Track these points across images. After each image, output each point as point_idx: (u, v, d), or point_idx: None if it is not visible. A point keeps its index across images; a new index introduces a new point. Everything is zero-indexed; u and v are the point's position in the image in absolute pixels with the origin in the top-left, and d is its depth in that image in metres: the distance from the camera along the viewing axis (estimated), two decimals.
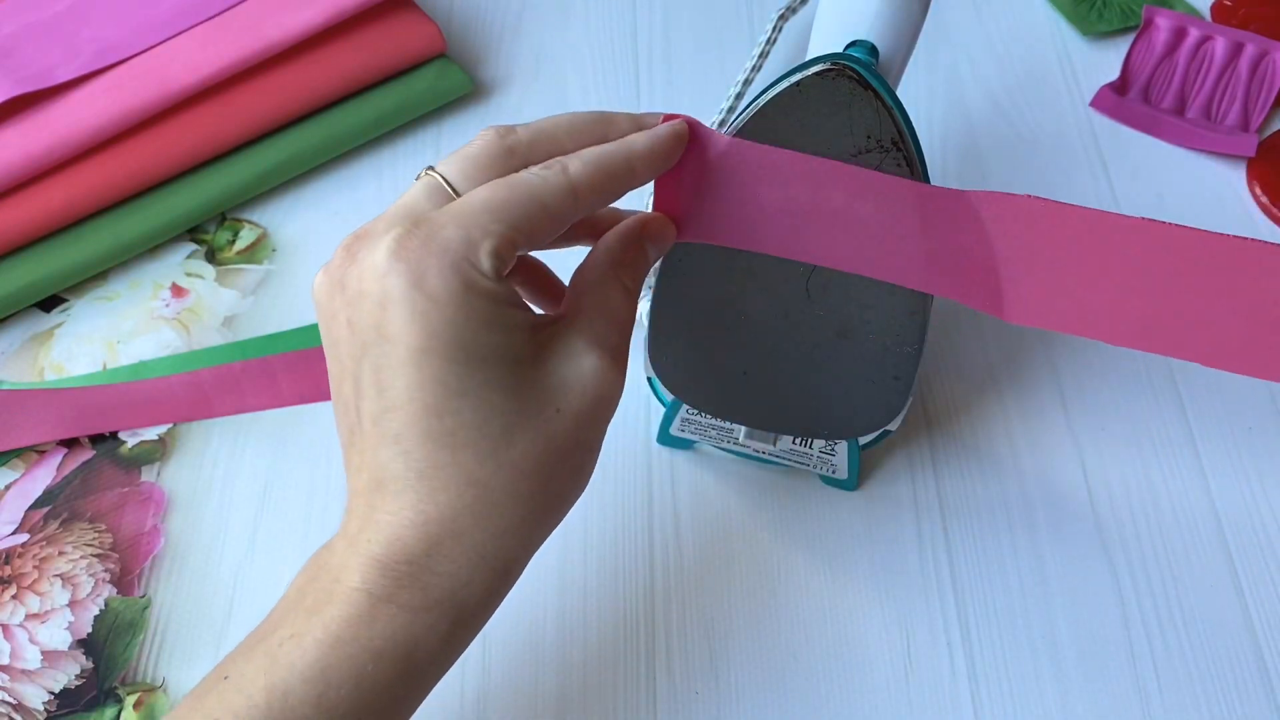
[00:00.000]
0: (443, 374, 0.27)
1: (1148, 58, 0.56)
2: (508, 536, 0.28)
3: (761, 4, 0.60)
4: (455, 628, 0.28)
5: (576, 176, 0.29)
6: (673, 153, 0.31)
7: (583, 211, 0.29)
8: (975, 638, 0.41)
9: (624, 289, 0.31)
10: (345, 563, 0.27)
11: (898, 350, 0.37)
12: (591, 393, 0.29)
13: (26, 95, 0.48)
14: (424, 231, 0.27)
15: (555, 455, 0.28)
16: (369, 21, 0.52)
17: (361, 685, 0.26)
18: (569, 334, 0.29)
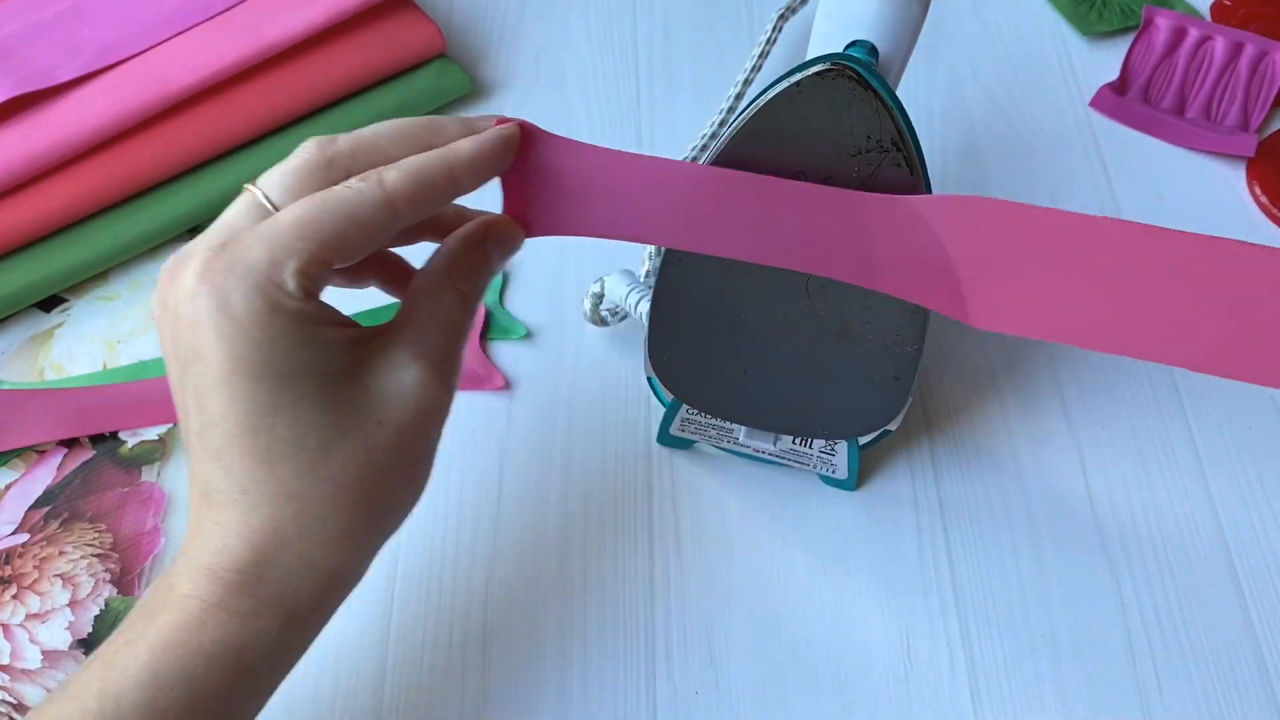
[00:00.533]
0: (253, 393, 0.27)
1: (1147, 58, 0.56)
2: (334, 545, 0.29)
3: (761, 4, 0.60)
4: (286, 632, 0.29)
5: (393, 189, 0.28)
6: (500, 157, 0.31)
7: (403, 223, 0.29)
8: (975, 638, 0.41)
9: (459, 295, 0.31)
10: (178, 571, 0.28)
11: (898, 350, 0.37)
12: (413, 405, 0.29)
13: (27, 95, 0.48)
14: (230, 253, 0.27)
15: (378, 467, 0.29)
16: (369, 21, 0.52)
17: (193, 688, 0.27)
18: (393, 346, 0.30)
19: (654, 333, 0.39)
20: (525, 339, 0.47)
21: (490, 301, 0.48)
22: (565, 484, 0.44)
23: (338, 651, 0.40)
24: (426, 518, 0.43)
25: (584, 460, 0.44)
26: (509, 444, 0.45)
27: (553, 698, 0.39)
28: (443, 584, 0.41)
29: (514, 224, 0.33)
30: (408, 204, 0.29)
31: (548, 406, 0.46)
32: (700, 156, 0.49)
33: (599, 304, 0.46)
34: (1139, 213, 0.52)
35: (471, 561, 0.42)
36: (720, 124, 0.49)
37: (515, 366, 0.47)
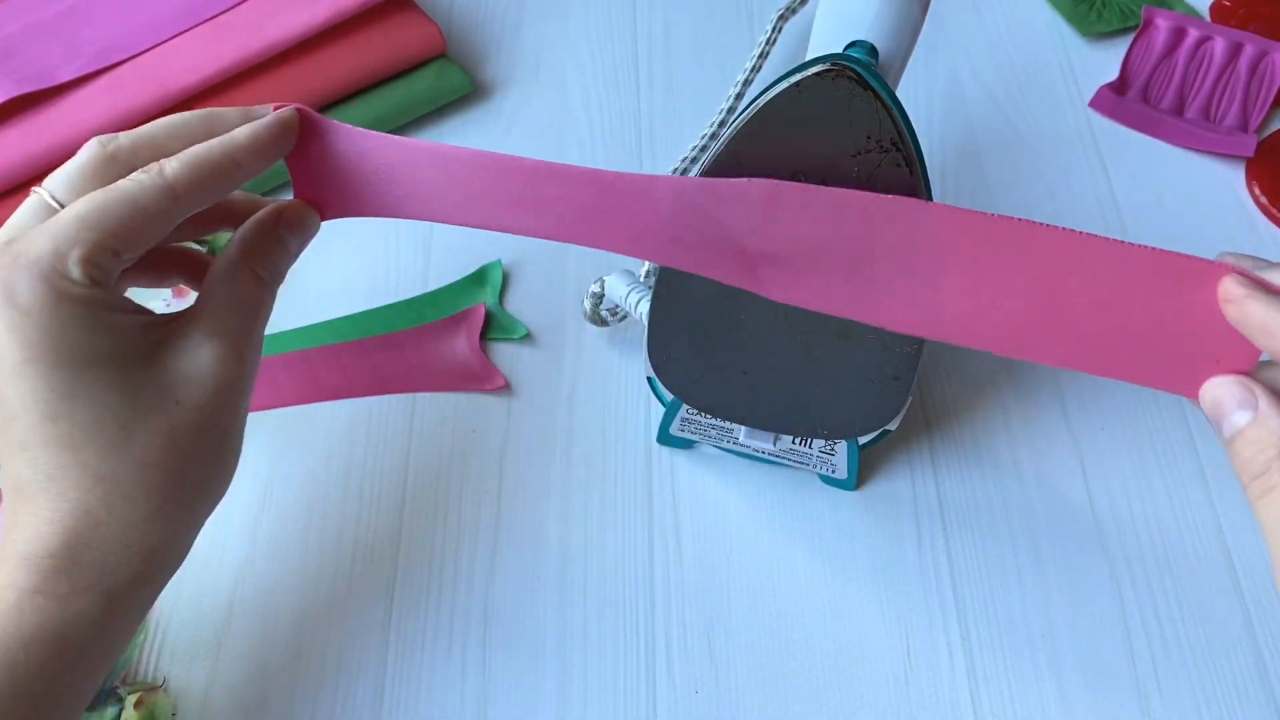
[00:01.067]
0: (49, 380, 0.28)
1: (1147, 58, 0.56)
2: (147, 524, 0.30)
3: (761, 4, 0.60)
4: (108, 612, 0.29)
5: (173, 176, 0.30)
6: (278, 140, 0.32)
7: (187, 208, 0.30)
8: (975, 638, 0.41)
9: (255, 277, 0.32)
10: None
11: (898, 350, 0.37)
12: (211, 382, 0.30)
13: (27, 95, 0.48)
14: (13, 249, 0.28)
15: (182, 444, 0.30)
16: (369, 22, 0.52)
17: (15, 672, 0.28)
18: (189, 328, 0.31)
19: (654, 333, 0.39)
20: (525, 339, 0.48)
21: (490, 302, 0.48)
22: (565, 484, 0.44)
23: (338, 651, 0.40)
24: (427, 517, 0.43)
25: (584, 460, 0.44)
26: (509, 444, 0.45)
27: (553, 697, 0.39)
28: (443, 584, 0.41)
29: (306, 207, 0.34)
30: (189, 189, 0.30)
31: (548, 406, 0.46)
32: (700, 156, 0.49)
33: (599, 304, 0.46)
34: (1138, 213, 0.52)
35: (471, 561, 0.42)
36: (720, 124, 0.49)
37: (515, 366, 0.47)
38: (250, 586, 0.41)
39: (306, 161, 0.34)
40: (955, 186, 0.53)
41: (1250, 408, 0.28)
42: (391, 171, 0.33)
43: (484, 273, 0.49)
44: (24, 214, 0.30)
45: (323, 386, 0.46)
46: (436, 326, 0.48)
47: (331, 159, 0.34)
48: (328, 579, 0.41)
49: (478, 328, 0.47)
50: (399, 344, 0.47)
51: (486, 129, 0.54)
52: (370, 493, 0.43)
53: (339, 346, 0.47)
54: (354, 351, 0.47)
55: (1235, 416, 0.28)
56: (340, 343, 0.47)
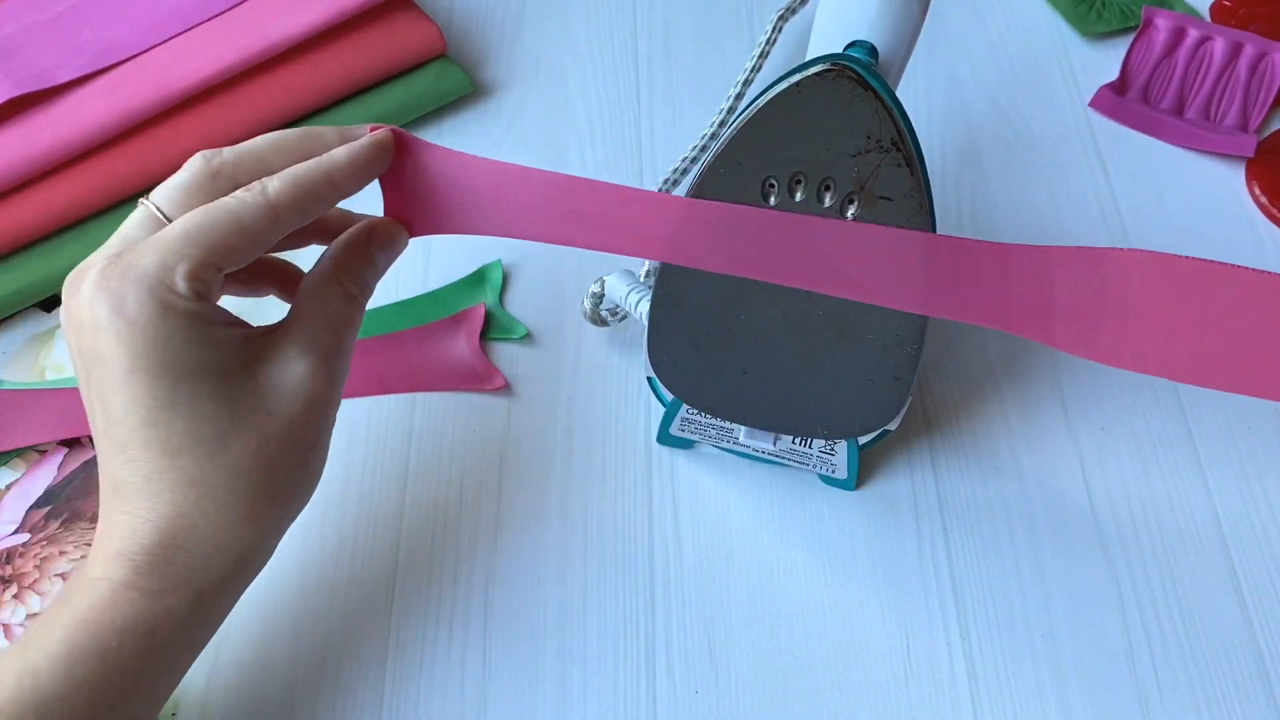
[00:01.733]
0: (152, 389, 0.30)
1: (1147, 58, 0.56)
2: (236, 528, 0.31)
3: (761, 4, 0.60)
4: (195, 609, 0.31)
5: (275, 196, 0.31)
6: (375, 162, 0.33)
7: (286, 228, 0.32)
8: (975, 638, 0.41)
9: (345, 293, 0.34)
10: (92, 560, 0.31)
11: (898, 350, 0.37)
12: (302, 395, 0.32)
13: (27, 95, 0.48)
14: (124, 261, 0.30)
15: (272, 455, 0.31)
16: (369, 22, 0.52)
17: (106, 661, 0.29)
18: (283, 342, 0.32)
19: (654, 333, 0.39)
20: (525, 339, 0.48)
21: (490, 301, 0.48)
22: (565, 484, 0.44)
23: (338, 651, 0.40)
24: (427, 517, 0.43)
25: (584, 460, 0.44)
26: (509, 444, 0.45)
27: (553, 697, 0.39)
28: (443, 584, 0.41)
29: (395, 225, 0.35)
30: (290, 209, 0.31)
31: (548, 406, 0.46)
32: (700, 156, 0.49)
33: (599, 304, 0.46)
34: (1138, 213, 0.52)
35: (471, 561, 0.42)
36: (720, 124, 0.49)
37: (515, 366, 0.47)
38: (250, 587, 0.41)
39: (399, 180, 0.35)
40: (955, 186, 0.53)
41: None
42: (481, 192, 0.34)
43: (484, 273, 0.49)
44: (131, 226, 0.31)
45: None
46: (436, 326, 0.48)
47: (423, 178, 0.34)
48: (328, 579, 0.41)
49: (478, 328, 0.47)
50: (399, 344, 0.47)
51: (486, 129, 0.54)
52: (370, 493, 0.43)
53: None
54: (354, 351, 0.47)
55: None
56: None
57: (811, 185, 0.33)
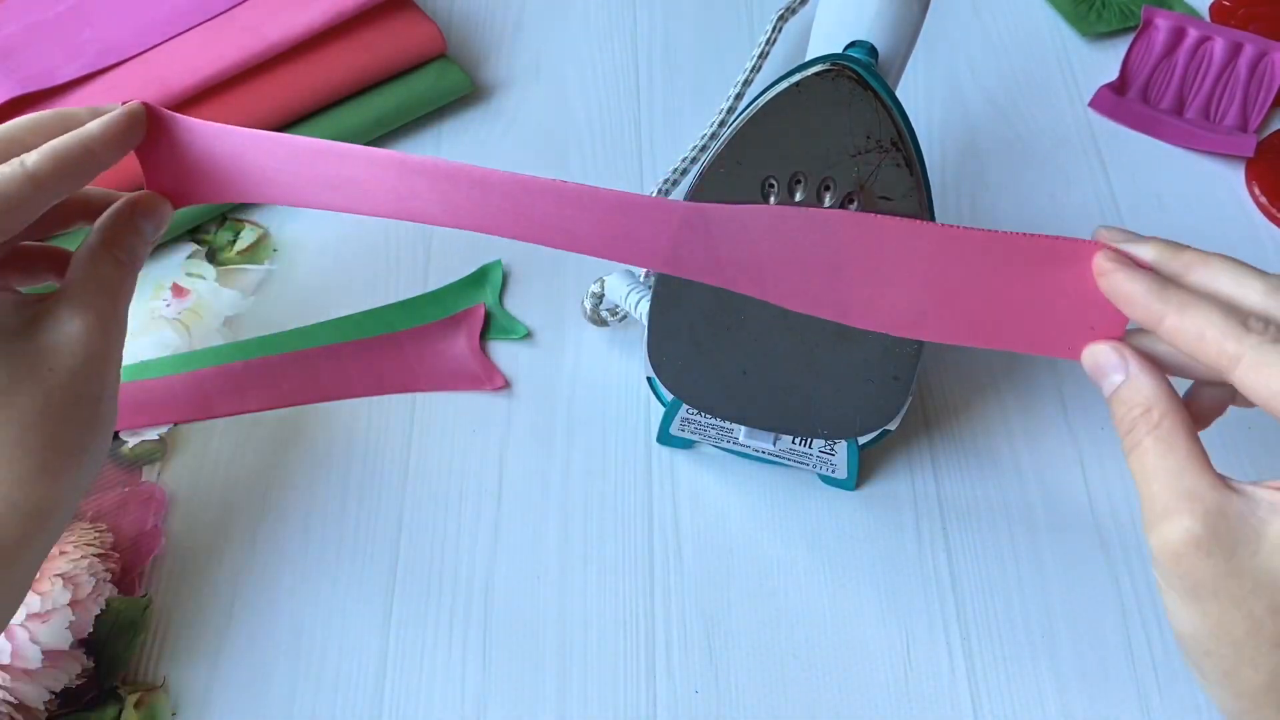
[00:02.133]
0: None
1: (1146, 58, 0.56)
2: (29, 483, 0.32)
3: (761, 4, 0.60)
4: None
5: (34, 167, 0.32)
6: (128, 131, 0.35)
7: (50, 197, 0.33)
8: (975, 638, 0.41)
9: (114, 259, 0.35)
10: None
11: (897, 350, 0.37)
12: (81, 351, 0.33)
13: (28, 95, 0.48)
14: None
15: (58, 407, 0.32)
16: (369, 22, 0.52)
17: None
18: (58, 305, 0.34)
19: (654, 333, 0.39)
20: (525, 339, 0.48)
21: (490, 301, 0.48)
22: (565, 484, 0.44)
23: (338, 651, 0.40)
24: (427, 517, 0.43)
25: (584, 460, 0.44)
26: (509, 444, 0.45)
27: (553, 697, 0.39)
28: (443, 584, 0.41)
29: (157, 196, 0.37)
30: (50, 177, 0.33)
31: (548, 406, 0.46)
32: (700, 156, 0.49)
33: (599, 304, 0.46)
34: (1138, 213, 0.52)
35: (471, 561, 0.42)
36: (720, 124, 0.49)
37: (515, 366, 0.47)
38: (250, 586, 0.41)
39: (156, 153, 0.37)
40: (955, 186, 0.53)
41: (1122, 371, 0.30)
42: (233, 160, 0.36)
43: (484, 273, 0.49)
44: None
45: (323, 386, 0.46)
46: (436, 326, 0.48)
47: (179, 149, 0.36)
48: (328, 579, 0.41)
49: (478, 328, 0.47)
50: (399, 344, 0.47)
51: (486, 129, 0.54)
52: (370, 493, 0.43)
53: (339, 346, 0.47)
54: (354, 351, 0.47)
55: (1111, 378, 0.31)
56: (340, 343, 0.47)
57: (811, 185, 0.33)
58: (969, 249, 0.31)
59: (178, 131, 0.36)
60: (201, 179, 0.37)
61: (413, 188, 0.35)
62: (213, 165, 0.36)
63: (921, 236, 0.32)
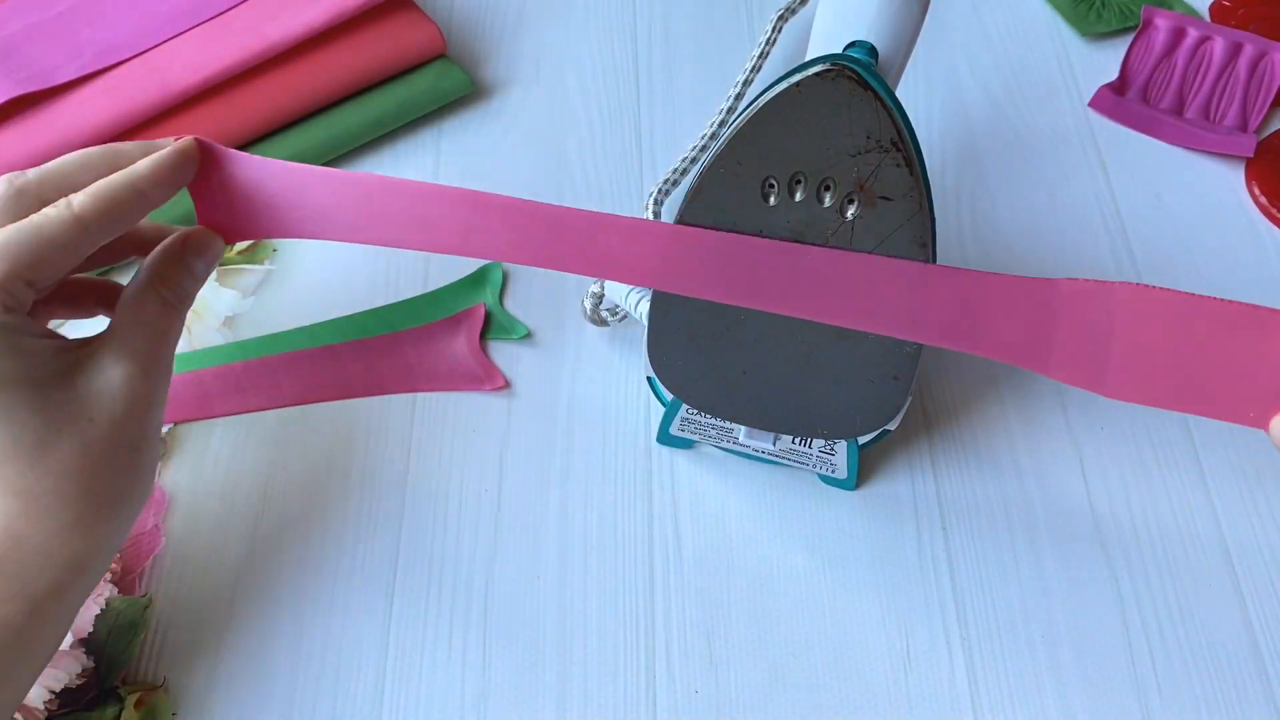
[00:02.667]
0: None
1: (1146, 58, 0.56)
2: (67, 534, 0.31)
3: (761, 4, 0.60)
4: (32, 620, 0.31)
5: (81, 209, 0.31)
6: (179, 169, 0.34)
7: (96, 239, 0.32)
8: (974, 638, 0.41)
9: (161, 301, 0.34)
10: None
11: (897, 350, 0.37)
12: (122, 399, 0.32)
13: (28, 95, 0.48)
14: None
15: (97, 458, 0.31)
16: (369, 22, 0.52)
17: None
18: (100, 351, 0.33)
19: (654, 332, 0.39)
20: (525, 339, 0.48)
21: (490, 302, 0.48)
22: (565, 484, 0.44)
23: (338, 651, 0.40)
24: (427, 517, 0.43)
25: (584, 460, 0.44)
26: (509, 444, 0.45)
27: (553, 697, 0.39)
28: (443, 584, 0.41)
29: (209, 233, 0.36)
30: (96, 221, 0.32)
31: (548, 406, 0.46)
32: (700, 156, 0.49)
33: (599, 304, 0.46)
34: (1138, 213, 0.52)
35: (471, 561, 0.42)
36: (720, 124, 0.49)
37: (515, 366, 0.47)
38: (250, 586, 0.41)
39: (208, 189, 0.36)
40: (955, 186, 0.53)
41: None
42: (290, 196, 0.35)
43: (484, 273, 0.49)
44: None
45: (323, 386, 0.46)
46: (436, 326, 0.48)
47: (232, 185, 0.35)
48: (328, 579, 0.41)
49: (478, 328, 0.47)
50: (399, 344, 0.47)
51: (486, 129, 0.54)
52: (370, 493, 0.43)
53: (339, 346, 0.47)
54: (354, 351, 0.47)
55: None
56: (340, 343, 0.47)
57: (811, 185, 0.33)
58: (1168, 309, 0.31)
59: (232, 167, 0.35)
60: (256, 215, 0.36)
61: (486, 224, 0.34)
62: (269, 201, 0.35)
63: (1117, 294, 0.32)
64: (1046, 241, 0.51)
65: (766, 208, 0.34)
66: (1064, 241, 0.51)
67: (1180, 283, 0.50)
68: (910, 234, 0.34)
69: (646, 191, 0.52)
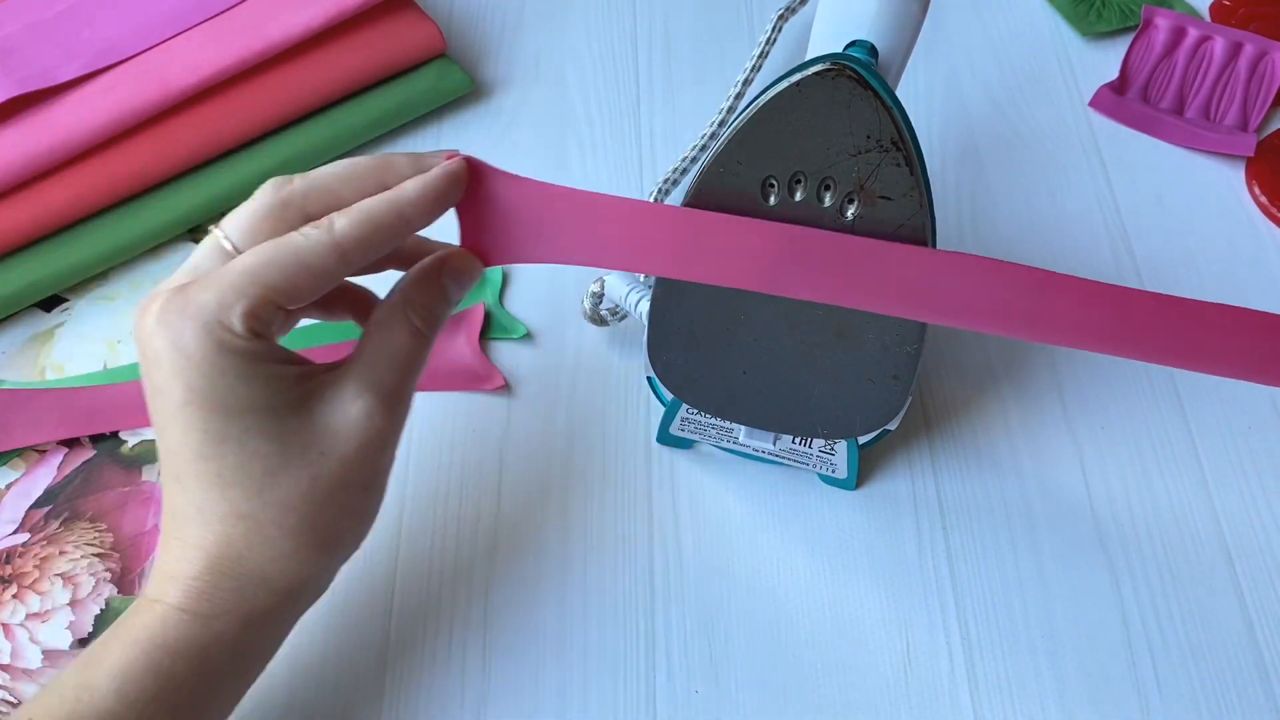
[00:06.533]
0: (204, 423, 0.30)
1: (1147, 57, 0.56)
2: (285, 562, 0.31)
3: (761, 4, 0.60)
4: (245, 635, 0.32)
5: (341, 234, 0.30)
6: (448, 193, 0.32)
7: (354, 266, 0.31)
8: (974, 638, 0.41)
9: (411, 329, 0.33)
10: (149, 580, 0.32)
11: (897, 350, 0.37)
12: (357, 437, 0.31)
13: (27, 95, 0.48)
14: (185, 296, 0.29)
15: (322, 495, 0.31)
16: (369, 21, 0.52)
17: (160, 681, 0.30)
18: (343, 380, 0.32)
19: (654, 333, 0.39)
20: (525, 339, 0.48)
21: (490, 301, 0.48)
22: (565, 484, 0.44)
23: (338, 651, 0.40)
24: (427, 517, 0.43)
25: (584, 460, 0.44)
26: (509, 444, 0.45)
27: (553, 697, 0.39)
28: (443, 584, 0.41)
29: (469, 256, 0.34)
30: (356, 247, 0.30)
31: (548, 406, 0.46)
32: (700, 156, 0.49)
33: (599, 304, 0.46)
34: (1138, 212, 0.52)
35: (471, 561, 0.42)
36: (720, 124, 0.49)
37: (515, 366, 0.47)
38: None
39: (474, 210, 0.34)
40: (955, 186, 0.53)
41: None
42: (562, 220, 0.33)
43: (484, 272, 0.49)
44: (200, 255, 0.31)
45: None
46: None
47: (500, 207, 0.33)
48: None
49: (477, 328, 0.47)
50: None
51: (486, 128, 0.54)
52: None
53: (339, 346, 0.47)
54: None
55: None
56: (341, 342, 0.47)
57: (811, 185, 0.33)
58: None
59: (500, 187, 0.33)
60: (523, 238, 0.34)
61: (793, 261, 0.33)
62: (535, 224, 0.33)
63: None
64: (1046, 241, 0.51)
65: (767, 207, 0.34)
66: (1064, 241, 0.51)
67: (1179, 281, 0.50)
68: (910, 233, 0.34)
69: (647, 191, 0.52)
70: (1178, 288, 0.50)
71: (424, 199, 0.32)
